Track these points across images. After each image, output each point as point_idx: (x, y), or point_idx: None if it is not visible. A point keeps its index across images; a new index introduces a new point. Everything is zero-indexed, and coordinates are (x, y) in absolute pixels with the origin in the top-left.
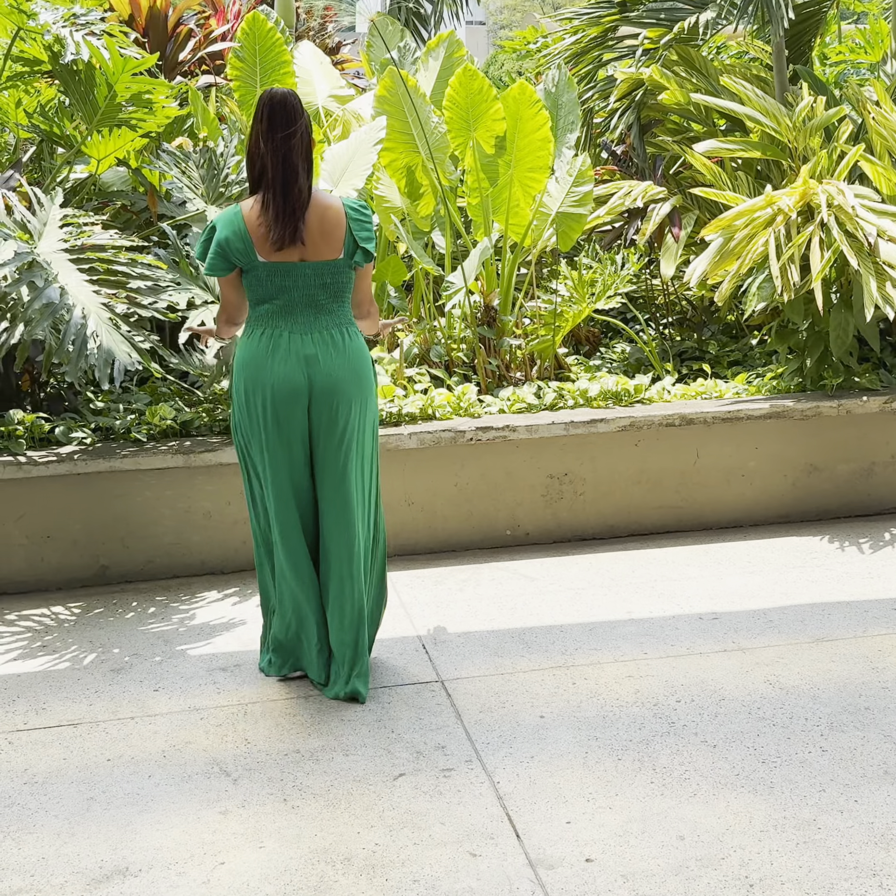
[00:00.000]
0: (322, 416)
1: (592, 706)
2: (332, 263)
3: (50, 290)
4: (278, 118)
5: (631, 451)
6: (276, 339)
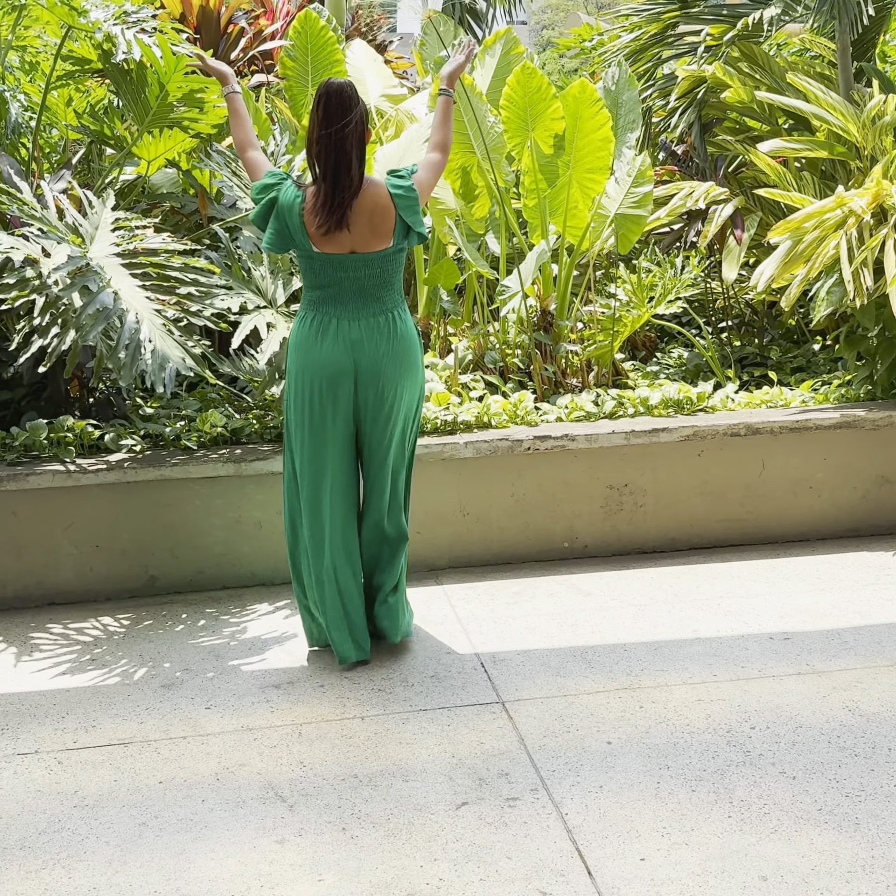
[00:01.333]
0: (368, 398)
1: (662, 732)
2: (382, 253)
3: (103, 295)
4: (333, 107)
5: (694, 462)
6: (325, 324)
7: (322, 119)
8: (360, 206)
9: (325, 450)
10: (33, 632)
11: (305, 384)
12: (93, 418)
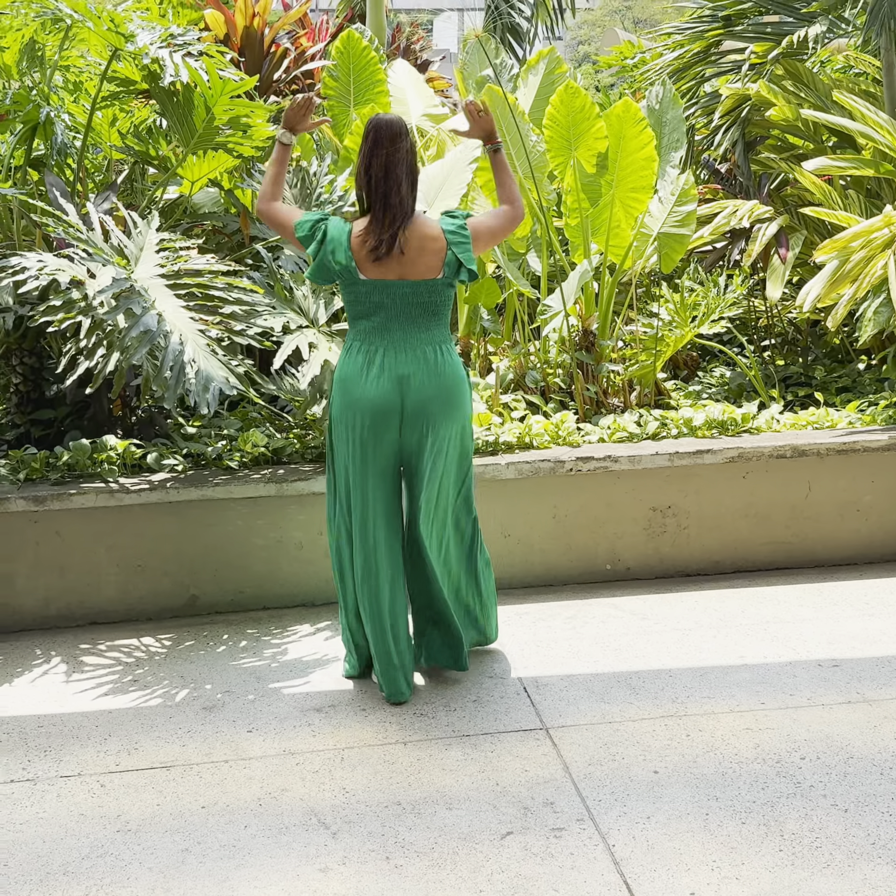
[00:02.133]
0: (414, 436)
1: (710, 762)
2: (431, 282)
3: (147, 317)
4: (383, 136)
5: (738, 484)
6: (371, 355)
7: (371, 147)
8: (411, 235)
9: (371, 486)
10: (76, 651)
11: (349, 422)
12: (135, 437)
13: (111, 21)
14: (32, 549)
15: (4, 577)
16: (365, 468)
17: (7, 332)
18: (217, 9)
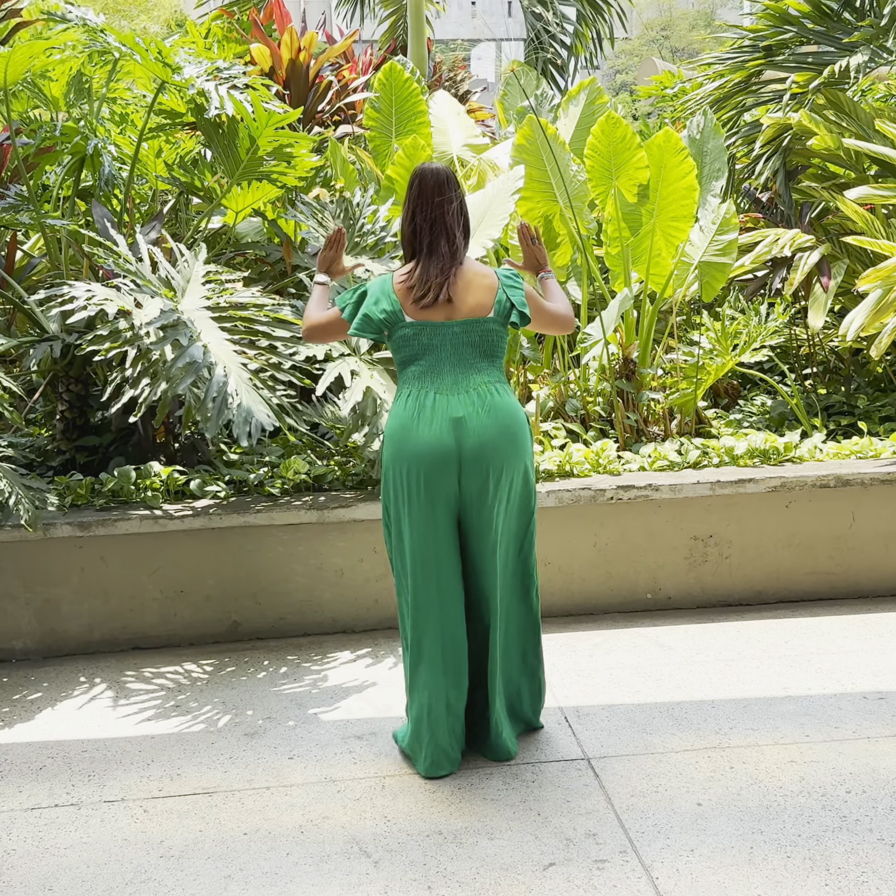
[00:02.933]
0: (473, 483)
1: (754, 794)
2: (482, 321)
3: (193, 349)
4: (430, 186)
5: (781, 513)
6: (422, 400)
7: (418, 196)
8: (461, 277)
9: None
10: (119, 677)
11: (402, 475)
12: (178, 464)
13: (158, 53)
14: (77, 575)
15: (50, 603)
16: (422, 524)
17: (54, 360)
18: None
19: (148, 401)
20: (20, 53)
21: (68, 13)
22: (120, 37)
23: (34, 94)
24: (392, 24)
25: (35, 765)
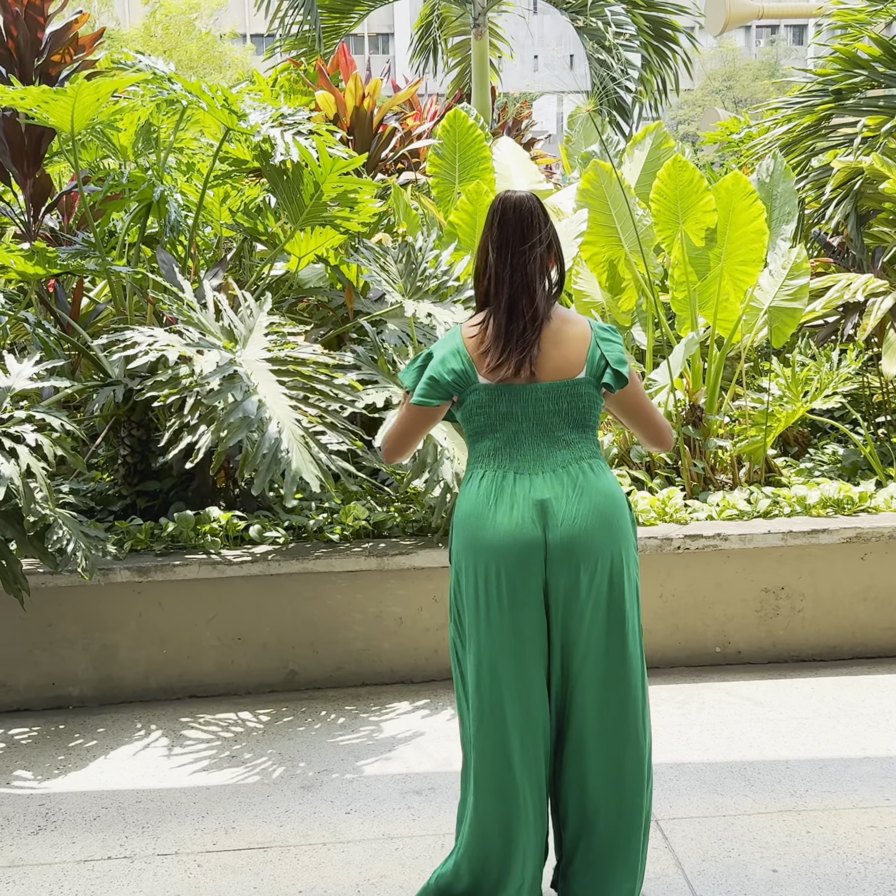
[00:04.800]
0: (562, 583)
1: (832, 861)
2: (571, 383)
3: (248, 403)
4: (512, 225)
5: (856, 566)
6: (498, 482)
7: (497, 238)
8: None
9: (511, 657)
10: (175, 725)
11: (479, 570)
12: (238, 509)
13: (224, 100)
14: (135, 621)
15: (108, 649)
16: (501, 634)
17: (117, 405)
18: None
19: (205, 448)
20: (86, 94)
21: (138, 62)
22: (186, 85)
23: (103, 143)
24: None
25: (89, 815)
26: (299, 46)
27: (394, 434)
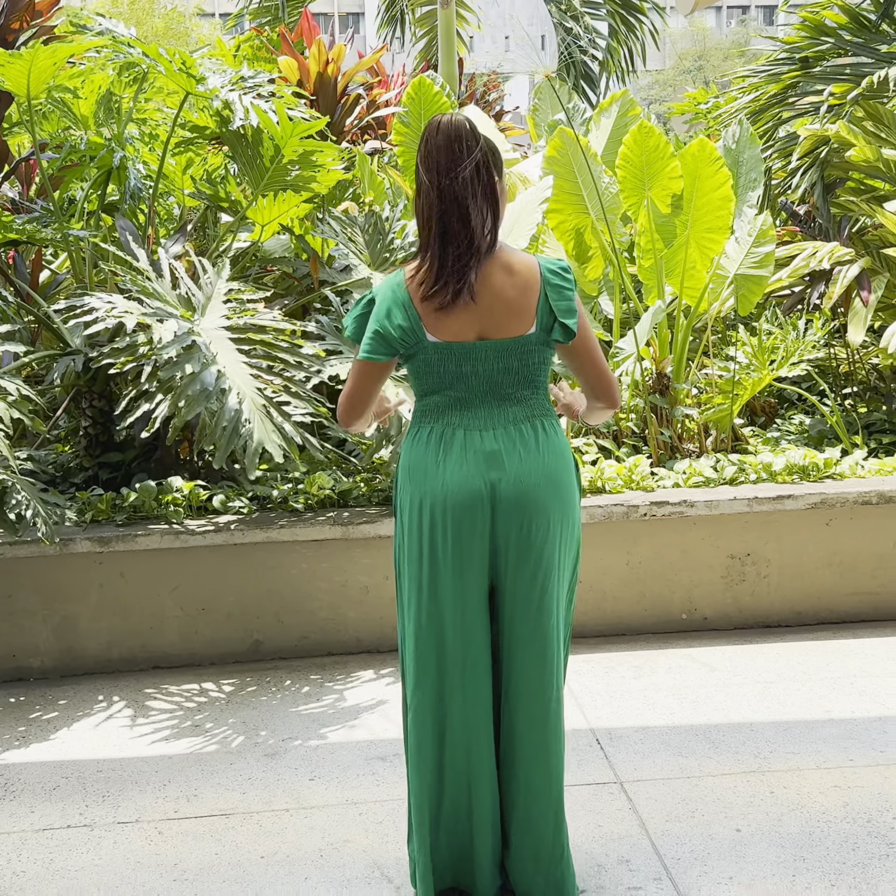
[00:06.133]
0: (510, 537)
1: (796, 820)
2: (521, 340)
3: (206, 374)
4: (440, 146)
5: (821, 531)
6: (448, 437)
7: (426, 162)
8: (490, 276)
9: (452, 615)
10: (138, 696)
11: (424, 522)
12: (202, 479)
13: (182, 63)
14: (96, 591)
15: (69, 620)
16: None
17: (77, 375)
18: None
19: (161, 417)
20: (43, 58)
21: (98, 25)
22: (145, 48)
23: (64, 112)
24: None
25: (49, 785)
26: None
27: (345, 392)
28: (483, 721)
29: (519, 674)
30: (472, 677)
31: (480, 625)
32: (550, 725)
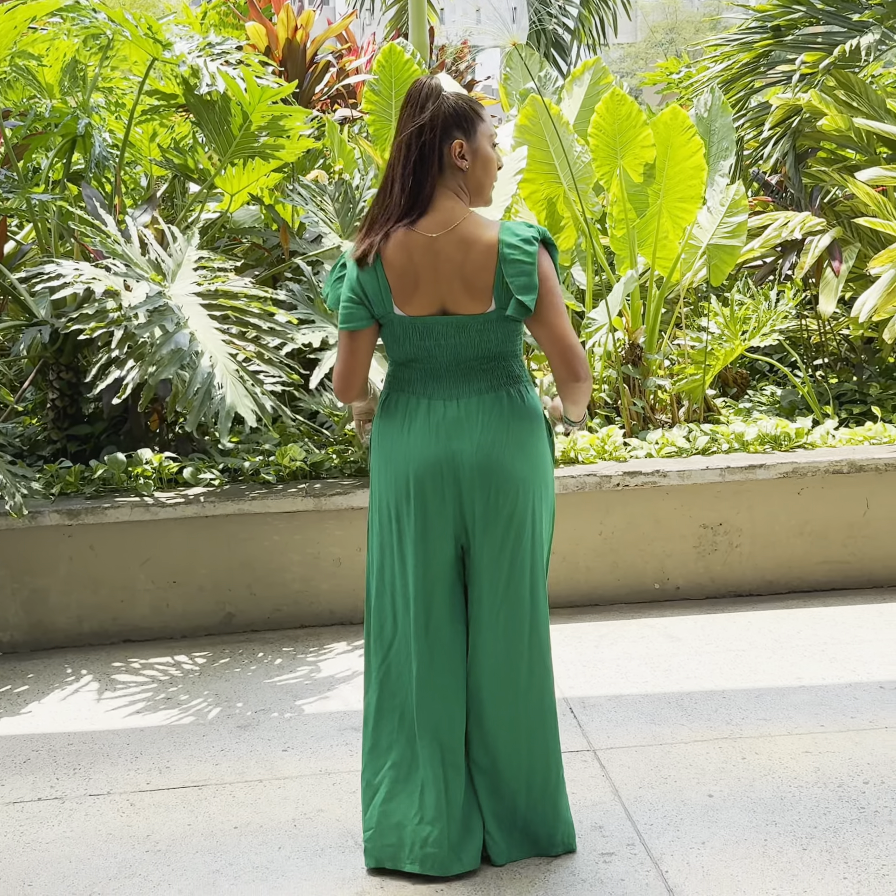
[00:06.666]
0: (476, 505)
1: (767, 785)
2: (480, 318)
3: (179, 336)
4: (402, 109)
5: (793, 501)
6: (413, 406)
7: (397, 126)
8: (448, 250)
9: (415, 581)
10: (108, 669)
11: (390, 488)
12: (172, 452)
13: (148, 28)
14: (66, 565)
15: (38, 593)
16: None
17: (44, 347)
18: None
19: (133, 383)
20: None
21: None
22: (110, 13)
23: (28, 81)
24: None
25: (19, 758)
26: None
27: (336, 366)
28: (451, 686)
29: (486, 641)
30: (437, 641)
31: (445, 590)
32: (520, 695)
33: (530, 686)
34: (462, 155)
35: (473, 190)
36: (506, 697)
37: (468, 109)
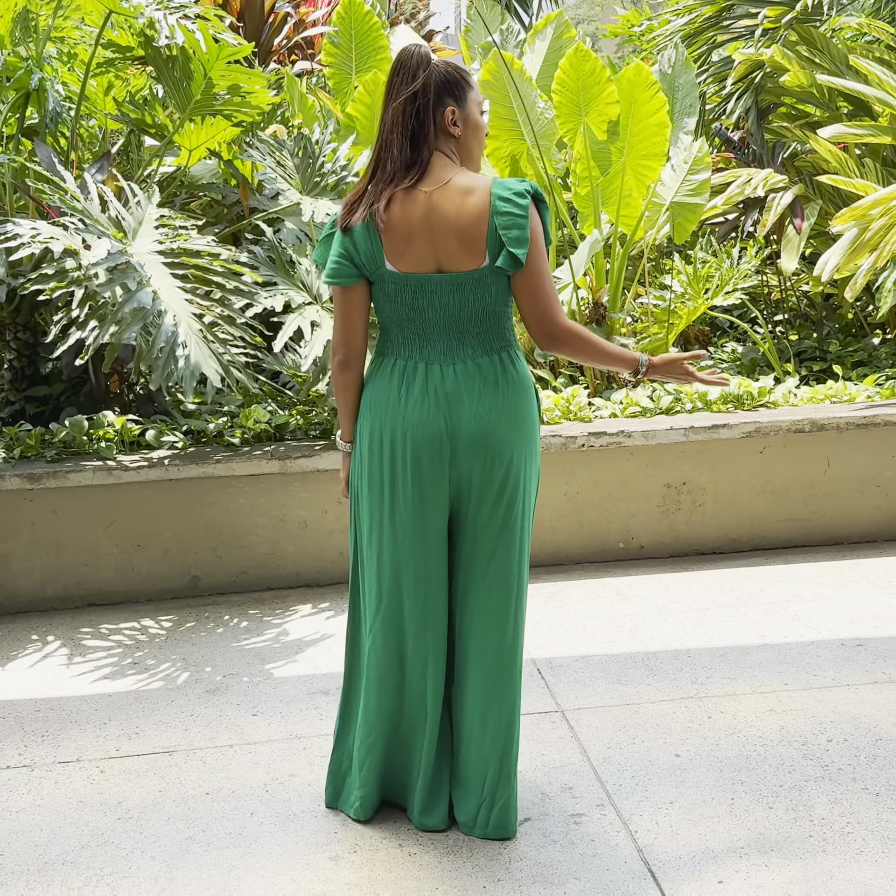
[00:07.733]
0: (471, 475)
1: (733, 744)
2: (475, 274)
3: (142, 294)
4: (399, 76)
5: (755, 459)
6: (409, 372)
7: (388, 86)
8: (443, 205)
9: (412, 548)
10: (74, 634)
11: (385, 454)
12: (133, 414)
13: None
14: (28, 529)
15: (0, 558)
16: (408, 522)
17: (0, 306)
18: None
19: (96, 344)
20: None
21: None
22: None
23: None
24: None
25: None
26: None
27: (334, 335)
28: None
29: (475, 603)
30: (431, 604)
31: (439, 556)
32: (505, 657)
33: (514, 650)
34: (454, 122)
35: (464, 155)
36: (487, 660)
37: (458, 77)
